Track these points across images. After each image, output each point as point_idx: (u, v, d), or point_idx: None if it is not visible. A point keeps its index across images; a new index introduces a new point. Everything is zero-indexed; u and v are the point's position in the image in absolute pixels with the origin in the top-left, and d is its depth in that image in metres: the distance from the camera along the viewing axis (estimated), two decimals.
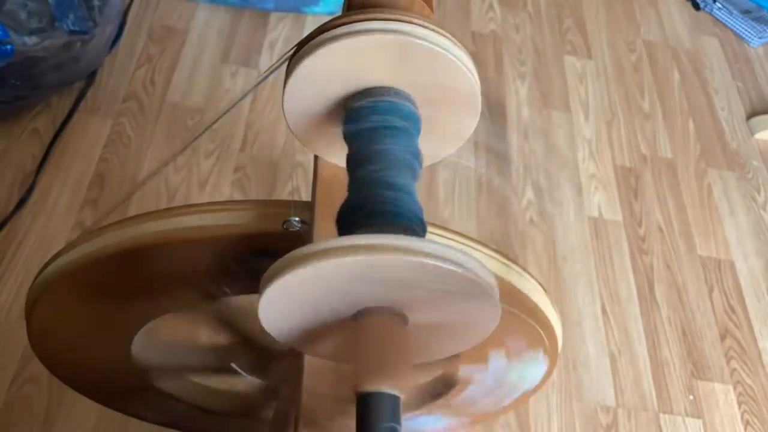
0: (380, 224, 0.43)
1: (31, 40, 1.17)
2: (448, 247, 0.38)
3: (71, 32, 1.22)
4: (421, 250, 0.37)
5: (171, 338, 0.85)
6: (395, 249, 0.37)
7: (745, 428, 1.24)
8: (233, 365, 0.82)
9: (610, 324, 1.32)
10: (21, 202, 1.22)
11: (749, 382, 1.29)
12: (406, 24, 0.43)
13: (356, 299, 0.40)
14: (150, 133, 1.37)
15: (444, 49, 0.45)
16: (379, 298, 0.40)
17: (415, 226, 0.44)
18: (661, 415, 1.23)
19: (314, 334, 0.43)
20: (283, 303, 0.40)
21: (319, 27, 0.45)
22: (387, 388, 0.37)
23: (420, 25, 0.44)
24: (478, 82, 0.49)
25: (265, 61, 1.55)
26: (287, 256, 0.38)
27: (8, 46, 1.15)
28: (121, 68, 1.45)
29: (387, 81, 0.47)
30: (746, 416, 1.25)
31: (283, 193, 1.35)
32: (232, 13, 1.62)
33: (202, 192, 1.31)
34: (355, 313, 0.41)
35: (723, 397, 1.27)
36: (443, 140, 0.52)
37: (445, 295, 0.39)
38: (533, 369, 0.76)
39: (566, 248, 1.40)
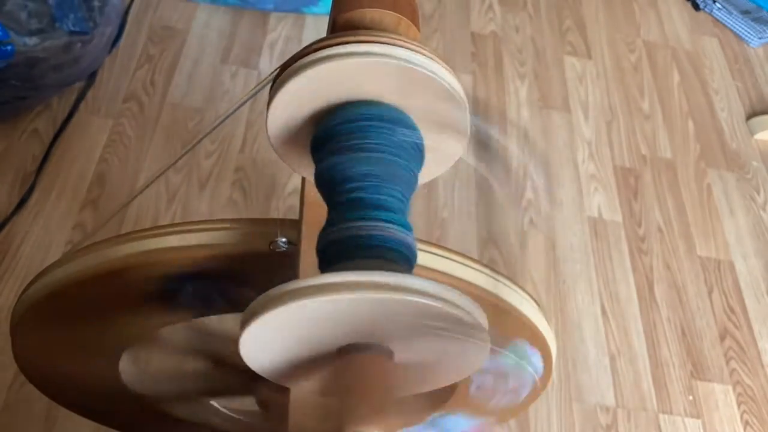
0: (363, 256, 0.41)
1: (31, 41, 1.17)
2: (434, 284, 0.37)
3: (71, 33, 1.22)
4: (405, 287, 0.36)
5: (156, 368, 0.84)
6: (379, 286, 0.36)
7: (745, 428, 1.24)
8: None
9: (609, 324, 1.32)
10: (21, 203, 1.22)
11: (749, 382, 1.29)
12: (392, 47, 0.43)
13: (340, 335, 0.39)
14: (150, 133, 1.37)
15: (427, 69, 0.44)
16: (364, 334, 0.39)
17: (400, 255, 0.43)
18: (661, 415, 1.23)
19: (298, 371, 0.42)
20: (266, 340, 0.39)
21: (302, 49, 0.44)
22: (372, 427, 0.36)
23: (405, 48, 0.43)
24: (466, 104, 0.48)
25: (265, 61, 1.55)
26: (268, 293, 0.38)
27: (8, 47, 1.15)
28: (121, 69, 1.45)
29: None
30: (746, 416, 1.26)
31: (284, 194, 1.35)
32: (232, 14, 1.62)
33: (202, 192, 1.31)
34: (340, 349, 0.40)
35: (722, 397, 1.27)
36: (430, 163, 0.51)
37: (433, 331, 0.38)
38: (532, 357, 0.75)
39: (566, 248, 1.40)
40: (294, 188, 1.36)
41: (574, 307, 1.33)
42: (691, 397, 1.26)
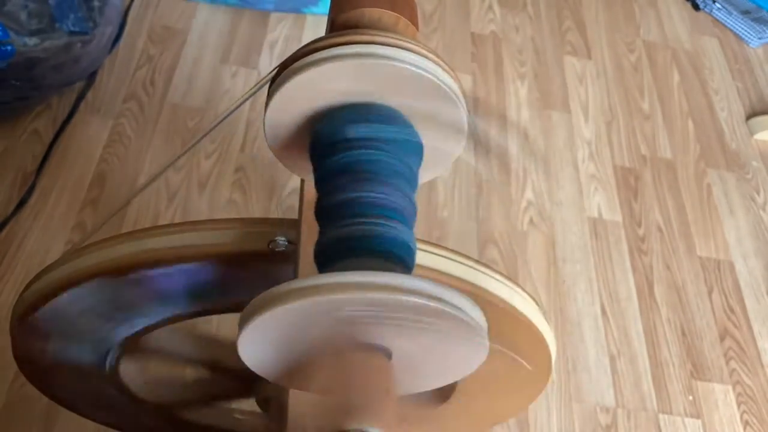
0: (362, 256, 0.41)
1: (31, 41, 1.17)
2: (432, 283, 0.37)
3: (71, 33, 1.22)
4: (403, 287, 0.36)
5: (156, 376, 0.84)
6: (378, 287, 0.36)
7: (744, 428, 1.24)
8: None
9: (609, 324, 1.32)
10: (21, 203, 1.22)
11: (748, 382, 1.29)
12: (389, 47, 0.42)
13: (339, 335, 0.39)
14: (150, 133, 1.37)
15: (424, 70, 0.44)
16: (362, 334, 0.39)
17: (399, 255, 0.43)
18: (661, 415, 1.23)
19: (296, 370, 0.42)
20: (264, 340, 0.39)
21: (300, 49, 0.44)
22: (370, 425, 0.36)
23: (401, 47, 0.43)
24: (464, 104, 0.48)
25: (265, 61, 1.55)
26: (266, 293, 0.38)
27: (9, 47, 1.15)
28: (122, 69, 1.45)
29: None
30: (745, 416, 1.26)
31: (284, 193, 1.35)
32: (232, 13, 1.62)
33: (202, 192, 1.31)
34: (338, 349, 0.40)
35: (722, 397, 1.27)
36: (429, 163, 0.51)
37: (431, 330, 0.38)
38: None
39: (566, 248, 1.40)
40: (294, 188, 1.36)
41: (574, 307, 1.33)
42: (691, 397, 1.26)
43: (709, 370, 1.30)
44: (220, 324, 1.10)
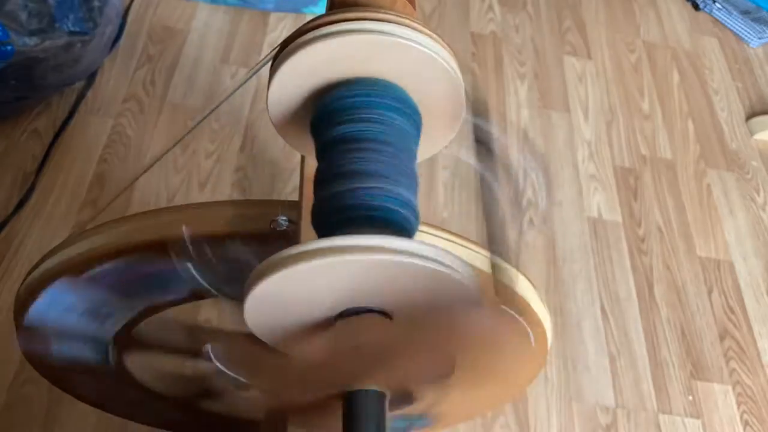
0: (362, 223, 0.42)
1: (31, 41, 1.17)
2: (428, 246, 0.38)
3: (71, 33, 1.22)
4: (401, 249, 0.37)
5: (159, 361, 0.84)
6: (376, 249, 0.37)
7: (744, 428, 1.24)
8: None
9: (609, 324, 1.32)
10: (21, 203, 1.22)
11: (748, 382, 1.29)
12: (386, 24, 0.44)
13: (340, 299, 0.40)
14: (150, 133, 1.37)
15: (424, 46, 0.45)
16: (364, 297, 0.40)
17: (398, 222, 0.44)
18: (661, 415, 1.23)
19: (300, 335, 0.43)
20: (268, 305, 0.40)
21: (300, 27, 0.45)
22: (372, 385, 0.37)
23: (400, 24, 0.44)
24: (461, 79, 0.49)
25: None
26: (270, 259, 0.38)
27: (8, 47, 1.15)
28: (121, 69, 1.45)
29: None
30: (745, 416, 1.26)
31: (284, 193, 1.35)
32: (232, 14, 1.62)
33: (202, 192, 1.31)
34: (340, 313, 0.41)
35: (722, 397, 1.27)
36: (428, 139, 0.52)
37: (429, 292, 0.39)
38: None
39: (566, 248, 1.40)
40: (294, 188, 1.36)
41: (574, 308, 1.33)
42: (690, 397, 1.26)
43: (708, 370, 1.30)
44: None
